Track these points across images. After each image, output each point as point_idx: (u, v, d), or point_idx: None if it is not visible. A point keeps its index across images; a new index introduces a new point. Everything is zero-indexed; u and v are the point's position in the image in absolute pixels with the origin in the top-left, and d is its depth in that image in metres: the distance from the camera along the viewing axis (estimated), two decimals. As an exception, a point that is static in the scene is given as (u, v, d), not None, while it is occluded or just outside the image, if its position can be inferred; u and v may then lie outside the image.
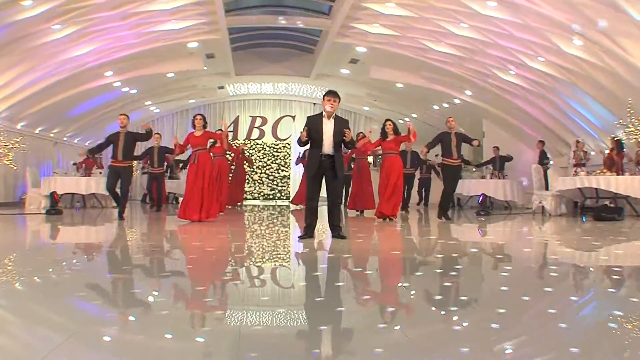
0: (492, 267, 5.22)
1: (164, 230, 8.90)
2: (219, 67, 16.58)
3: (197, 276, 4.45)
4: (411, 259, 5.65)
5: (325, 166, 6.58)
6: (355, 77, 17.11)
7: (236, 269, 4.85)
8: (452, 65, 13.73)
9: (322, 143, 6.54)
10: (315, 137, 6.57)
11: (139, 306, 3.38)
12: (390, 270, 5.06)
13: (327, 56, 15.36)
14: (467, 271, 4.81)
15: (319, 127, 6.57)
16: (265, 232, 8.62)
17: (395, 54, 13.85)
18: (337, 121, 6.66)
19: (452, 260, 5.24)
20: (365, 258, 5.67)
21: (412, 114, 18.98)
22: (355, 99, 19.36)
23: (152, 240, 7.37)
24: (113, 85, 14.94)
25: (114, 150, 9.76)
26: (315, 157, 6.61)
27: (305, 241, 6.56)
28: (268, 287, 4.14)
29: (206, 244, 6.55)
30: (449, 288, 3.95)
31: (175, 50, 14.18)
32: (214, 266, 4.91)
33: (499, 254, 6.19)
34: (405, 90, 16.86)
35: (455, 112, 14.82)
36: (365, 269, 4.98)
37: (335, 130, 6.57)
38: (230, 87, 19.68)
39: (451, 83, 15.03)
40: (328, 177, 6.64)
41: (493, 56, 12.32)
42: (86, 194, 13.84)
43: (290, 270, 5.14)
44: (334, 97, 6.57)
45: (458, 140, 10.00)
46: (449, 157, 10.00)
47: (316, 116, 6.80)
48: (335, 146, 6.60)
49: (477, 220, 10.75)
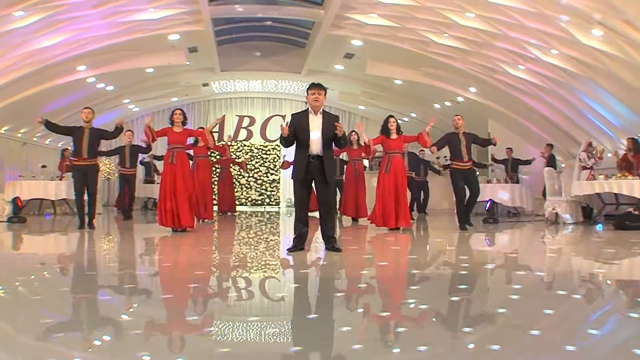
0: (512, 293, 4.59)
1: (133, 241, 8.39)
2: (202, 62, 16.20)
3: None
4: (426, 285, 5.01)
5: (314, 169, 6.26)
6: (350, 73, 16.89)
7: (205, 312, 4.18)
8: (456, 60, 13.34)
9: (309, 142, 6.22)
10: (302, 136, 6.27)
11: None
12: (391, 293, 4.44)
13: (320, 50, 15.02)
14: (485, 299, 4.19)
15: (304, 125, 6.26)
16: (249, 243, 8.06)
17: (393, 47, 13.46)
18: (325, 116, 6.36)
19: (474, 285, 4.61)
20: (358, 275, 5.06)
21: (411, 113, 18.76)
22: (350, 97, 19.14)
23: (119, 254, 6.77)
24: (87, 81, 14.41)
25: (77, 147, 9.31)
26: (302, 159, 6.28)
27: (295, 255, 6.10)
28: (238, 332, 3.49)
29: (177, 263, 5.93)
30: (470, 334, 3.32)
31: (155, 43, 13.68)
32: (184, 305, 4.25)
33: (519, 270, 5.56)
34: (405, 88, 16.64)
35: (459, 111, 13.91)
36: (359, 292, 4.36)
37: (324, 127, 6.26)
38: (216, 84, 19.37)
39: (454, 79, 14.70)
40: (317, 181, 6.32)
41: (501, 49, 11.87)
42: (56, 200, 13.30)
43: (270, 304, 4.47)
44: (318, 89, 6.32)
45: (467, 141, 9.66)
46: (459, 160, 9.60)
47: (301, 113, 6.48)
48: (324, 145, 6.27)
49: (485, 228, 10.31)
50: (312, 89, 6.32)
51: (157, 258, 6.40)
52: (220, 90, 19.90)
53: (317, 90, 6.30)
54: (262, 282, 4.83)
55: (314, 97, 6.27)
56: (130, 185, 12.75)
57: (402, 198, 9.38)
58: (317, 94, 6.27)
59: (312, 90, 6.31)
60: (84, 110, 9.53)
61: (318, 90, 6.31)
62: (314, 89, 6.31)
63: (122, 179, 12.95)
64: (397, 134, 9.52)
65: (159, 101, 18.86)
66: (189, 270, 5.35)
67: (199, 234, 8.96)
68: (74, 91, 14.56)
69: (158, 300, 3.98)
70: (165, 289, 4.50)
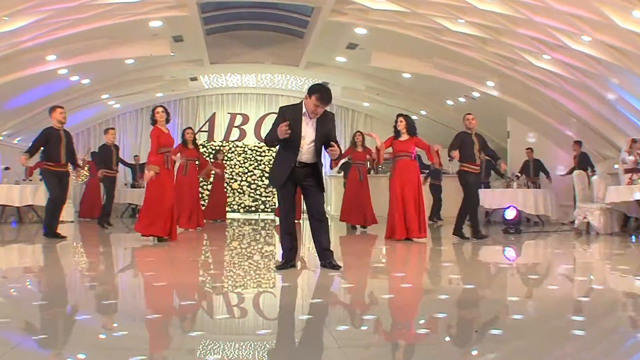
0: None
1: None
2: (189, 53, 15.65)
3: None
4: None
5: (299, 175, 5.78)
6: (353, 66, 16.41)
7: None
8: (472, 50, 12.83)
9: (298, 148, 5.69)
10: (291, 139, 5.65)
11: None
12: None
13: (320, 40, 14.58)
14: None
15: (296, 126, 5.65)
16: (234, 261, 7.44)
17: (401, 36, 12.96)
18: (321, 120, 5.76)
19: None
20: (360, 304, 4.32)
21: (421, 110, 18.32)
22: (353, 93, 18.70)
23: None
24: (58, 73, 13.79)
25: (55, 152, 9.10)
26: (286, 164, 5.75)
27: (285, 274, 5.65)
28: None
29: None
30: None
31: (134, 30, 13.14)
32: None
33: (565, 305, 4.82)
34: (414, 82, 16.17)
35: (474, 108, 13.98)
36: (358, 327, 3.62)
37: (318, 134, 5.73)
38: (205, 79, 18.91)
39: (470, 72, 14.22)
40: (307, 187, 5.84)
41: (524, 37, 11.26)
42: (21, 206, 12.79)
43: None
44: (324, 103, 5.61)
45: (480, 143, 9.47)
46: (471, 163, 9.37)
47: (294, 109, 5.82)
48: (315, 154, 5.78)
49: (506, 239, 9.85)
50: (319, 100, 5.57)
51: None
52: (210, 85, 19.48)
53: (322, 105, 5.61)
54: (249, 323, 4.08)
55: (316, 110, 5.63)
56: (113, 189, 12.59)
57: (409, 206, 8.99)
58: (321, 108, 5.63)
59: (318, 102, 5.57)
60: (58, 110, 9.26)
61: (324, 104, 5.62)
62: (321, 103, 5.59)
63: (107, 182, 12.44)
64: (408, 135, 9.26)
65: (141, 97, 18.38)
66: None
67: (186, 245, 8.68)
68: (43, 84, 13.96)
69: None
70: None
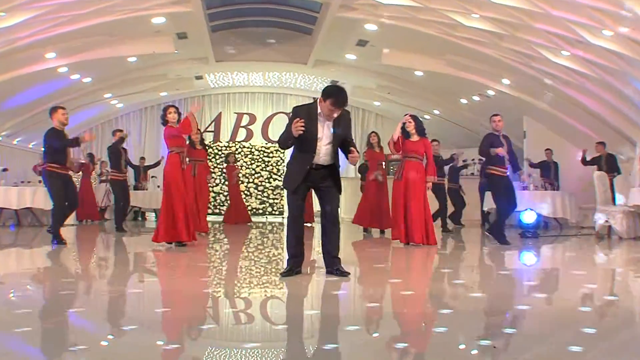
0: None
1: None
2: (194, 50, 15.66)
3: None
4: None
5: (315, 178, 5.69)
6: (363, 64, 16.39)
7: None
8: (487, 46, 12.69)
9: (315, 150, 5.59)
10: (307, 141, 5.58)
11: None
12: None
13: (329, 37, 14.58)
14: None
15: (312, 128, 5.54)
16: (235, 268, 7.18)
17: (413, 32, 12.87)
18: (338, 121, 5.63)
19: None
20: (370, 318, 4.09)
21: (434, 109, 18.30)
22: (363, 92, 18.72)
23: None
24: (58, 71, 13.78)
25: (61, 154, 8.95)
26: (302, 167, 5.66)
27: (290, 281, 5.48)
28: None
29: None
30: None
31: (136, 27, 13.09)
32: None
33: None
34: (426, 80, 16.10)
35: (489, 106, 14.08)
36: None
37: (336, 135, 5.64)
38: (211, 77, 18.94)
39: (484, 70, 14.14)
40: (323, 190, 5.75)
41: (541, 32, 11.08)
42: (19, 209, 12.69)
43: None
44: (339, 107, 5.49)
45: (508, 145, 9.34)
46: (500, 166, 9.24)
47: (308, 108, 5.71)
48: (333, 155, 5.69)
49: (523, 243, 9.67)
50: (334, 104, 5.44)
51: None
52: (216, 84, 19.52)
53: (338, 109, 5.48)
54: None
55: (331, 114, 5.50)
56: (127, 192, 12.65)
57: (414, 209, 8.82)
58: (336, 112, 5.49)
59: (332, 107, 5.44)
60: (60, 111, 9.09)
61: (339, 109, 5.49)
62: (336, 106, 5.46)
63: (117, 186, 12.39)
64: (419, 137, 9.07)
65: (145, 96, 18.45)
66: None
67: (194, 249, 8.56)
68: (42, 83, 13.94)
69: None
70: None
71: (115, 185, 12.39)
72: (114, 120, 19.36)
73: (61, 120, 8.90)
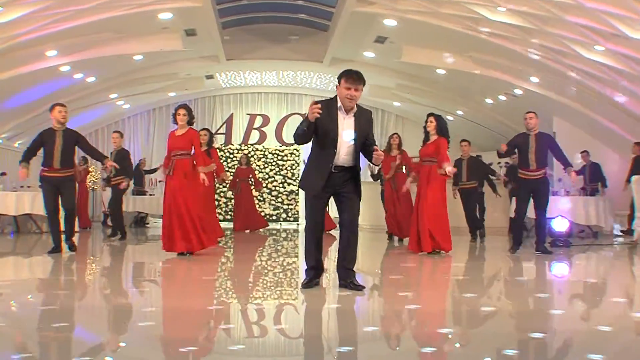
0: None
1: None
2: (203, 48, 15.65)
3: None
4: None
5: (337, 181, 5.44)
6: (382, 62, 16.29)
7: None
8: (514, 42, 12.66)
9: (336, 149, 5.37)
10: (327, 138, 5.37)
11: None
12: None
13: (346, 34, 14.61)
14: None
15: (332, 124, 5.35)
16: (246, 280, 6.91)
17: (434, 27, 12.88)
18: (359, 117, 5.45)
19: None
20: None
21: (457, 110, 18.23)
22: (382, 92, 18.67)
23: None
24: (60, 70, 13.81)
25: (48, 155, 8.71)
26: (322, 168, 5.43)
27: (310, 295, 5.37)
28: None
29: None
30: None
31: (142, 23, 13.22)
32: None
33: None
34: (449, 78, 16.01)
35: (516, 106, 14.13)
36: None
37: (359, 132, 5.41)
38: (222, 77, 18.93)
39: (511, 67, 14.08)
40: (343, 195, 5.51)
41: (573, 25, 10.96)
42: (18, 215, 12.55)
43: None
44: (356, 83, 5.29)
45: (539, 145, 9.00)
46: (524, 168, 9.04)
47: (327, 103, 5.44)
48: (355, 155, 5.47)
49: (555, 254, 9.24)
50: (347, 81, 5.28)
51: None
52: (228, 83, 19.53)
53: (354, 86, 5.26)
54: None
55: (349, 94, 5.27)
56: (116, 197, 12.15)
57: (425, 215, 8.71)
58: (353, 90, 5.26)
59: (347, 84, 5.26)
60: (57, 108, 8.80)
61: (356, 85, 5.27)
62: (351, 82, 5.27)
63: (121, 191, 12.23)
64: (437, 136, 8.90)
65: (153, 96, 18.52)
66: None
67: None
68: (44, 82, 13.99)
69: None
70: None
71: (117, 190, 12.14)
72: (121, 122, 19.42)
73: (57, 118, 8.67)
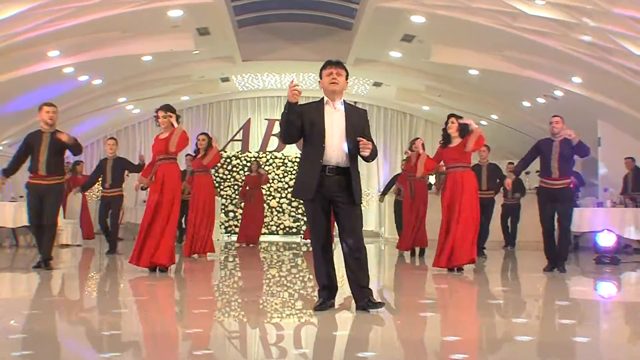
0: None
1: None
2: (217, 48, 15.57)
3: None
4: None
5: (331, 185, 5.30)
6: (409, 62, 16.22)
7: None
8: (554, 38, 12.40)
9: (324, 145, 5.32)
10: (313, 135, 5.37)
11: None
12: None
13: (370, 32, 14.47)
14: None
15: (318, 116, 5.39)
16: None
17: (467, 24, 12.74)
18: (350, 111, 5.49)
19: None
20: None
21: (491, 114, 18.13)
22: (410, 95, 18.74)
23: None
24: (63, 72, 13.72)
25: (33, 160, 8.46)
26: (312, 171, 5.34)
27: (324, 318, 5.09)
28: None
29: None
30: None
31: (151, 21, 13.09)
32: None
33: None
34: (482, 80, 15.93)
35: (556, 109, 13.12)
36: None
37: (349, 124, 5.39)
38: (238, 79, 18.87)
39: (551, 66, 13.81)
40: (338, 204, 5.36)
41: (622, 18, 10.69)
42: (16, 227, 12.44)
43: None
44: (335, 66, 5.48)
45: (563, 151, 8.78)
46: (546, 176, 8.89)
47: (313, 104, 5.56)
48: (349, 154, 5.37)
49: (601, 272, 9.24)
50: (326, 67, 5.49)
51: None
52: (245, 87, 19.44)
53: (334, 69, 5.44)
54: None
55: (331, 79, 5.40)
56: (114, 210, 12.02)
57: (467, 223, 8.51)
58: (334, 74, 5.41)
59: (327, 70, 5.45)
60: (44, 108, 8.57)
61: (336, 68, 5.45)
62: (329, 66, 5.47)
63: (103, 203, 12.18)
64: (460, 139, 8.69)
65: (164, 100, 17.22)
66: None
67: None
68: (46, 85, 13.84)
69: None
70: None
71: (101, 201, 12.24)
72: (130, 128, 19.37)
73: (44, 119, 8.45)
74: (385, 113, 20.66)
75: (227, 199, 18.40)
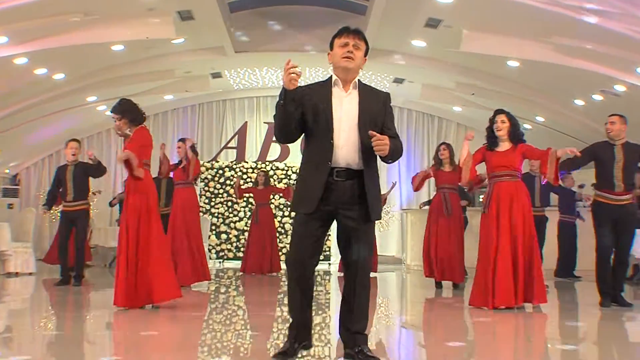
0: None
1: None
2: (204, 37, 15.16)
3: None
4: None
5: (336, 196, 4.86)
6: (436, 53, 15.84)
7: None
8: (615, 20, 11.91)
9: (332, 142, 4.90)
10: (318, 118, 4.96)
11: None
12: None
13: (388, 17, 14.07)
14: None
15: (325, 106, 4.95)
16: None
17: (505, 4, 12.54)
18: (365, 95, 5.07)
19: None
20: None
21: (535, 115, 17.70)
22: (437, 93, 18.51)
23: None
24: (14, 63, 13.17)
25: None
26: (317, 175, 4.88)
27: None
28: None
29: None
30: None
31: (120, 2, 12.74)
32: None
33: None
34: (525, 73, 15.53)
35: (618, 107, 12.46)
36: None
37: (364, 114, 4.97)
38: (232, 75, 18.43)
39: (610, 56, 13.26)
40: (349, 218, 4.89)
41: None
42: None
43: None
44: (354, 36, 5.04)
45: (628, 159, 8.64)
46: (607, 190, 8.67)
47: (317, 85, 5.21)
48: (363, 150, 4.90)
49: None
50: (341, 36, 5.03)
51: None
52: (240, 84, 19.05)
53: (351, 38, 5.00)
54: None
55: (346, 51, 4.96)
56: (79, 229, 11.42)
57: (509, 257, 8.19)
58: (351, 46, 4.98)
59: (342, 38, 5.01)
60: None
61: (353, 38, 5.00)
62: (346, 35, 5.01)
63: (65, 219, 11.51)
64: (511, 143, 8.44)
65: (144, 100, 17.51)
66: None
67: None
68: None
69: None
70: None
71: (62, 218, 11.63)
72: (105, 133, 19.10)
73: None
74: (409, 115, 20.34)
75: (218, 218, 18.00)
